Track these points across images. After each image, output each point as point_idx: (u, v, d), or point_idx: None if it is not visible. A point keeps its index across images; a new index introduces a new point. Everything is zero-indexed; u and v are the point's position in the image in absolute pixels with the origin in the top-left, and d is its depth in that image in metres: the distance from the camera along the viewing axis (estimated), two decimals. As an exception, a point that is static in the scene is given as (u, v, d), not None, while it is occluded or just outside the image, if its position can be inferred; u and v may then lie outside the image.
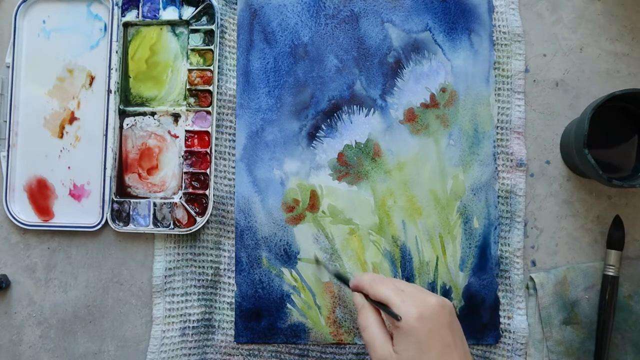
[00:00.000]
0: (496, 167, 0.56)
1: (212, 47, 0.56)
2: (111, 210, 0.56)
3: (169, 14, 0.57)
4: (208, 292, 0.56)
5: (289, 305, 0.55)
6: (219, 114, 0.57)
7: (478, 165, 0.55)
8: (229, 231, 0.56)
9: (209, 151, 0.56)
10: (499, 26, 0.57)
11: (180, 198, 0.56)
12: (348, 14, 0.57)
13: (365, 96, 0.57)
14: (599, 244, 0.55)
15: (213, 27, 0.56)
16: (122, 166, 0.57)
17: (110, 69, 0.57)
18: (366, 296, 0.45)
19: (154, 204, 0.56)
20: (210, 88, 0.56)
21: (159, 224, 0.56)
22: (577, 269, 0.54)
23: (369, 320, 0.44)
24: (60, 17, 0.58)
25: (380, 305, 0.44)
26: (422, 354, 0.42)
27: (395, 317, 0.42)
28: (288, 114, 0.57)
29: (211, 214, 0.55)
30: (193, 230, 0.55)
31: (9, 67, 0.58)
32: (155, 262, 0.56)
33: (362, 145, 0.56)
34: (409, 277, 0.55)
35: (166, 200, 0.56)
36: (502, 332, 0.54)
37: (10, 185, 0.57)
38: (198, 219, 0.55)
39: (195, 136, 0.56)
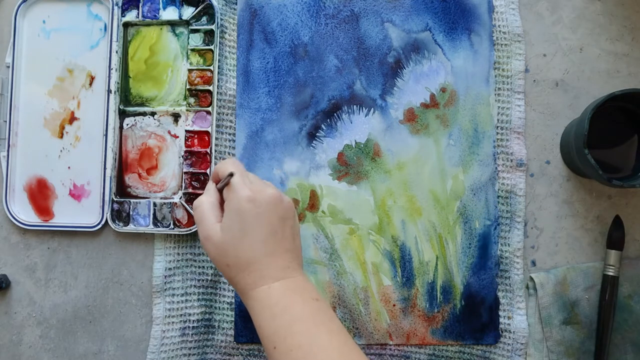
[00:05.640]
0: (496, 167, 0.56)
1: (212, 47, 0.56)
2: (111, 210, 0.56)
3: (169, 14, 0.57)
4: (208, 292, 0.56)
5: (289, 305, 0.55)
6: (219, 114, 0.57)
7: (478, 165, 0.55)
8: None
9: (209, 151, 0.56)
10: (499, 26, 0.57)
11: (180, 198, 0.56)
12: (348, 14, 0.57)
13: (365, 96, 0.57)
14: (599, 244, 0.55)
15: (213, 27, 0.56)
16: (122, 166, 0.57)
17: (110, 69, 0.57)
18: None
19: (154, 204, 0.56)
20: (210, 88, 0.56)
21: (159, 224, 0.56)
22: (577, 269, 0.54)
23: (205, 200, 0.45)
24: (60, 17, 0.58)
25: (222, 182, 0.45)
26: (245, 235, 0.42)
27: (230, 175, 0.43)
28: (288, 114, 0.57)
29: (211, 214, 0.55)
30: (193, 230, 0.55)
31: (9, 67, 0.58)
32: (155, 262, 0.56)
33: (362, 145, 0.56)
34: (408, 277, 0.55)
35: (166, 200, 0.56)
36: (502, 332, 0.54)
37: (10, 185, 0.57)
38: (198, 219, 0.55)
39: (195, 136, 0.56)
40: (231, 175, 0.44)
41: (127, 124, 0.57)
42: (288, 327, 0.40)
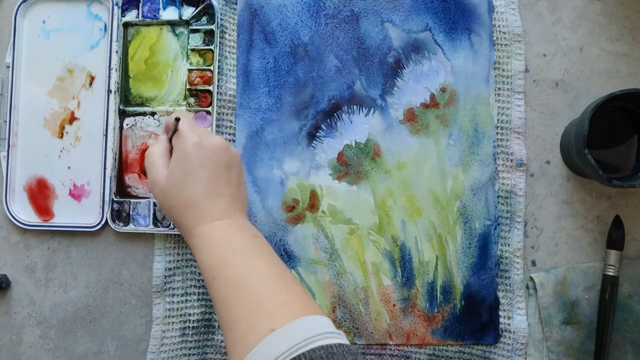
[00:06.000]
0: (496, 167, 0.56)
1: (212, 47, 0.56)
2: (111, 210, 0.56)
3: (169, 14, 0.57)
4: (208, 292, 0.56)
5: (289, 305, 0.55)
6: (219, 114, 0.57)
7: (478, 165, 0.55)
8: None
9: (209, 151, 0.56)
10: (499, 26, 0.57)
11: (180, 198, 0.56)
12: (348, 14, 0.57)
13: (365, 96, 0.57)
14: (599, 244, 0.55)
15: (213, 27, 0.56)
16: (122, 166, 0.57)
17: (110, 69, 0.57)
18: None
19: (154, 204, 0.56)
20: (210, 88, 0.56)
21: (159, 224, 0.56)
22: (577, 269, 0.54)
23: (155, 148, 0.48)
24: (60, 17, 0.58)
25: (170, 130, 0.47)
26: (188, 176, 0.45)
27: (176, 120, 0.46)
28: (288, 114, 0.57)
29: (211, 214, 0.55)
30: (193, 230, 0.55)
31: (9, 67, 0.58)
32: (155, 262, 0.56)
33: (362, 145, 0.56)
34: (408, 277, 0.55)
35: (166, 200, 0.56)
36: (502, 332, 0.54)
37: (10, 185, 0.57)
38: (198, 219, 0.55)
39: (195, 136, 0.56)
40: (177, 119, 0.46)
41: (127, 124, 0.57)
42: (227, 258, 0.42)
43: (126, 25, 0.58)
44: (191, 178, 0.45)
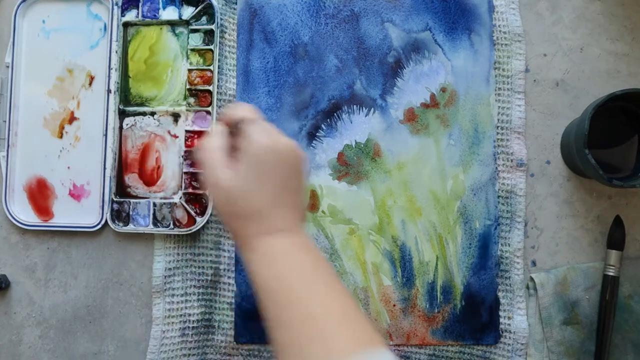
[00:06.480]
0: (496, 167, 0.55)
1: (212, 47, 0.56)
2: (111, 210, 0.56)
3: (169, 13, 0.57)
4: (208, 292, 0.56)
5: (289, 306, 0.55)
6: (218, 114, 0.57)
7: (478, 165, 0.55)
8: (228, 231, 0.56)
9: (208, 151, 0.55)
10: (499, 26, 0.57)
11: (180, 198, 0.56)
12: (348, 14, 0.57)
13: (365, 96, 0.57)
14: (599, 244, 0.55)
15: (213, 27, 0.56)
16: (122, 166, 0.57)
17: (110, 68, 0.57)
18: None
19: (154, 204, 0.56)
20: (210, 88, 0.56)
21: (158, 224, 0.56)
22: (578, 269, 0.54)
23: (214, 143, 0.42)
24: (60, 17, 0.58)
25: (236, 128, 0.42)
26: (259, 184, 0.40)
27: (248, 121, 0.41)
28: (288, 114, 0.57)
29: (211, 214, 0.55)
30: (193, 231, 0.55)
31: (8, 67, 0.58)
32: (155, 262, 0.56)
33: (362, 145, 0.56)
34: (409, 277, 0.55)
35: (166, 201, 0.56)
36: (502, 332, 0.54)
37: (10, 185, 0.57)
38: (198, 219, 0.55)
39: (195, 136, 0.56)
40: (249, 121, 0.41)
41: (127, 124, 0.57)
42: (286, 276, 0.39)
43: (126, 25, 0.58)
44: (261, 186, 0.40)
